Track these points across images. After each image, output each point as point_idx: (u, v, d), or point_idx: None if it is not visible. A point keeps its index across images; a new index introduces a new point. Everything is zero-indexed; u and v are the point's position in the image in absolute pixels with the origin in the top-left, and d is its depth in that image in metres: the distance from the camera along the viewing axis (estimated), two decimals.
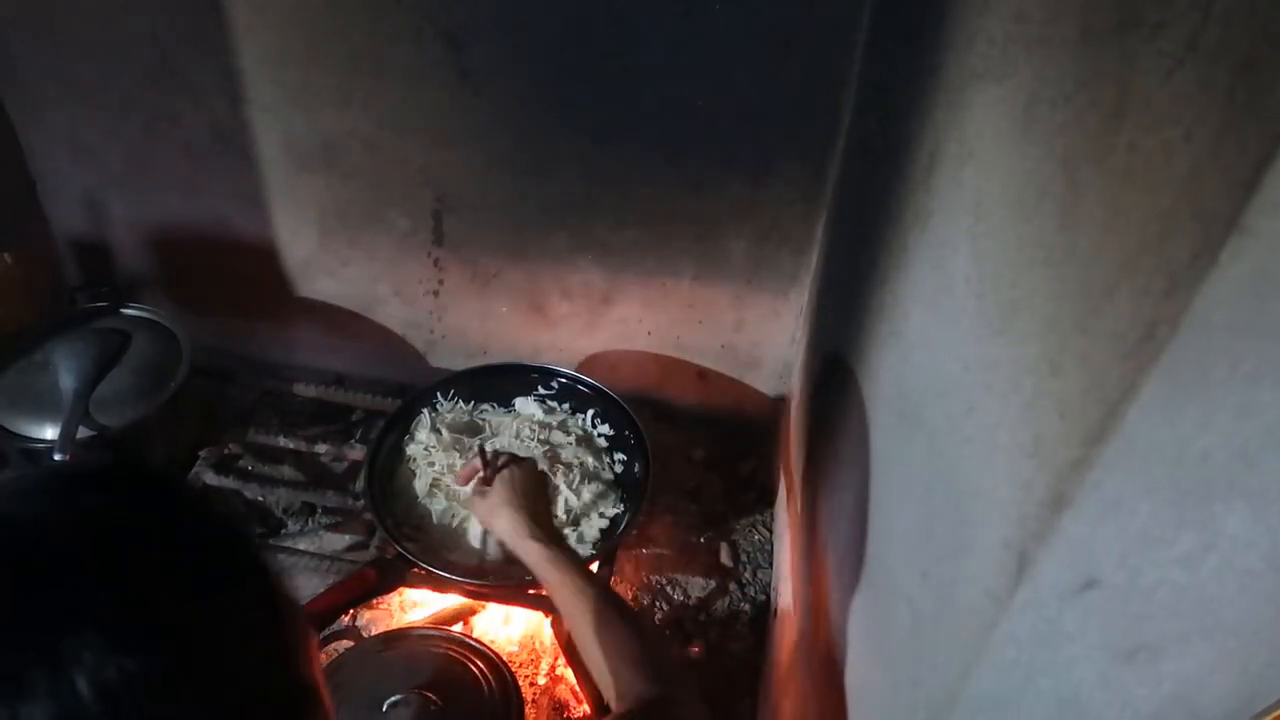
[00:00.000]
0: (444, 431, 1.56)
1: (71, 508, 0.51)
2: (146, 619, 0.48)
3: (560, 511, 1.45)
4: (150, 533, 0.52)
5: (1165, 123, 0.42)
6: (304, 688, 0.56)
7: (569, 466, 1.51)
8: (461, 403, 1.63)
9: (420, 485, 1.50)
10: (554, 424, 1.61)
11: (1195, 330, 0.39)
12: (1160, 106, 0.43)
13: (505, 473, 1.22)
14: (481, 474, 1.28)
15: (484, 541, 1.41)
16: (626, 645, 0.99)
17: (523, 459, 1.30)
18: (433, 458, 1.52)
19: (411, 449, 1.56)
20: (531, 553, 1.13)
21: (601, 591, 1.06)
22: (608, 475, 1.56)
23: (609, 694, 0.98)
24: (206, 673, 0.50)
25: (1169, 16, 0.43)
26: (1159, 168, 0.42)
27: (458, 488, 1.41)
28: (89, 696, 0.45)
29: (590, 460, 1.56)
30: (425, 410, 1.61)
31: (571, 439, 1.58)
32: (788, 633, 1.34)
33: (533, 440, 1.55)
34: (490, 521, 1.21)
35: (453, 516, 1.46)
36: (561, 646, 1.50)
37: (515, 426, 1.58)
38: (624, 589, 1.63)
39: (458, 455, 1.51)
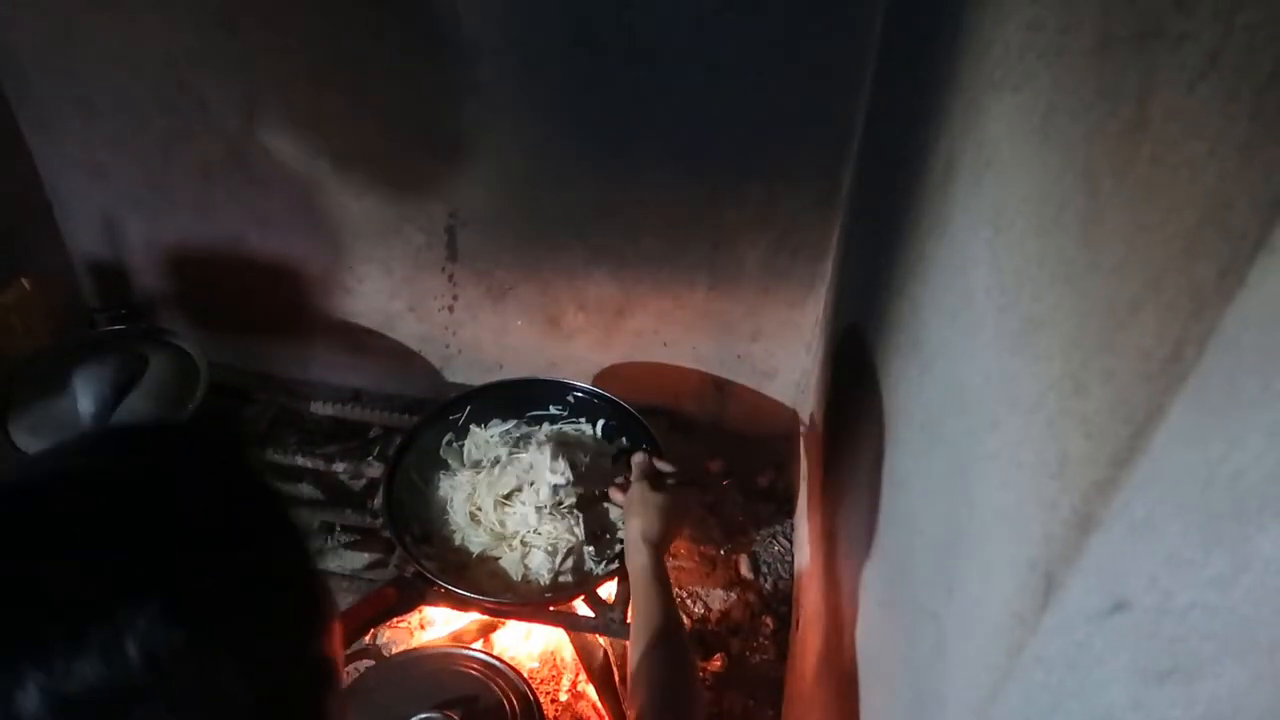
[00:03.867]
0: (474, 463, 1.55)
1: (147, 469, 0.54)
2: (200, 594, 0.50)
3: (579, 527, 1.44)
4: (214, 511, 0.55)
5: (1188, 136, 0.41)
6: (330, 664, 0.59)
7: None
8: (480, 427, 1.62)
9: (459, 518, 1.48)
10: (574, 438, 1.60)
11: (1224, 350, 0.38)
12: (1183, 120, 0.42)
13: (675, 494, 1.30)
14: (662, 469, 1.36)
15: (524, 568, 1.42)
16: (657, 681, 1.06)
17: (691, 489, 1.38)
18: (470, 489, 1.50)
19: (445, 487, 1.53)
20: (635, 569, 1.22)
21: (665, 629, 1.13)
22: None
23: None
24: (249, 647, 0.52)
25: (1191, 27, 0.42)
26: (1183, 183, 0.41)
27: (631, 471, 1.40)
28: (137, 661, 0.46)
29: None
30: (456, 441, 1.61)
31: (589, 455, 1.57)
32: (810, 646, 1.33)
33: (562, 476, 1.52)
34: (629, 512, 1.29)
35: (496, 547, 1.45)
36: (582, 663, 1.49)
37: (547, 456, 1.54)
38: None
39: (486, 485, 1.50)
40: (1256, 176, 0.35)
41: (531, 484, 1.46)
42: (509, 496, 1.46)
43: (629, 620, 1.39)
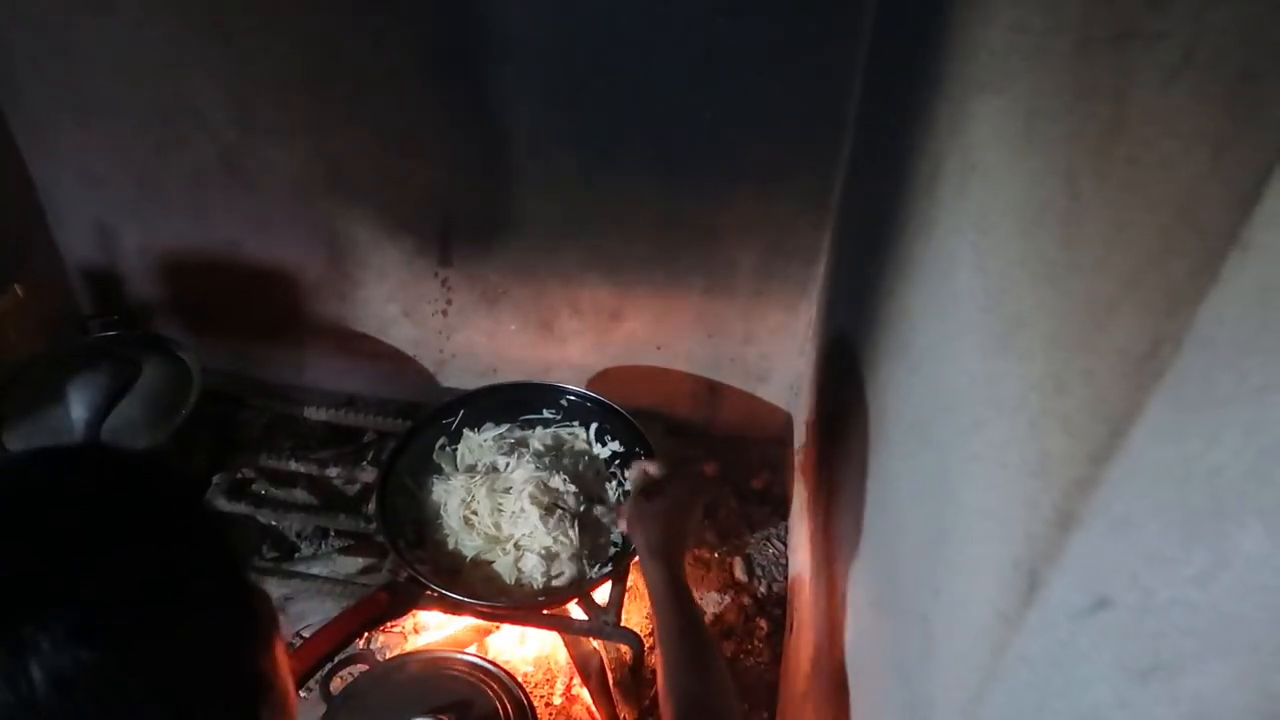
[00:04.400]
0: (468, 467, 1.55)
1: (50, 492, 0.52)
2: (110, 611, 0.49)
3: (573, 531, 1.44)
4: (124, 525, 0.52)
5: (1163, 135, 0.41)
6: (261, 681, 0.57)
7: (581, 485, 1.51)
8: (474, 431, 1.62)
9: (453, 522, 1.48)
10: (568, 442, 1.60)
11: (1199, 346, 0.38)
12: (1158, 119, 0.42)
13: (676, 494, 1.28)
14: (652, 474, 1.32)
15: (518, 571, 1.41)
16: (684, 697, 1.04)
17: (694, 486, 1.34)
18: (466, 493, 1.50)
19: (438, 491, 1.53)
20: (651, 585, 1.19)
21: (689, 642, 1.11)
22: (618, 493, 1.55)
23: None
24: (163, 667, 0.50)
25: (1166, 26, 0.42)
26: (1158, 182, 0.41)
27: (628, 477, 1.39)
28: (41, 684, 0.45)
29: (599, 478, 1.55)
30: (449, 445, 1.61)
31: (585, 458, 1.57)
32: (804, 648, 1.33)
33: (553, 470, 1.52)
34: (633, 525, 1.26)
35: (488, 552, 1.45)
36: (576, 666, 1.49)
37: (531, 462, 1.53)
38: (640, 605, 1.62)
39: (483, 490, 1.50)
40: (1229, 173, 0.36)
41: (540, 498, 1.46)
42: (505, 502, 1.46)
43: (622, 623, 1.40)
